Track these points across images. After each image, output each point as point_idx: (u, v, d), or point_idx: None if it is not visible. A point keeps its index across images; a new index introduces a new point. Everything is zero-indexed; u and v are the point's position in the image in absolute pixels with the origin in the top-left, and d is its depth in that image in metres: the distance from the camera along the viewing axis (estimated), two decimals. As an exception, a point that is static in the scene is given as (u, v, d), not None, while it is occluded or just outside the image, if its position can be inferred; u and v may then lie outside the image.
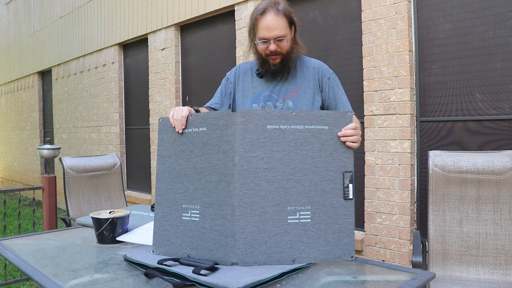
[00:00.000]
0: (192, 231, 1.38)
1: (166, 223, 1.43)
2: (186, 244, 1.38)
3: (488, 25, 2.71)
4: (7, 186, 10.07)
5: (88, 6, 6.61)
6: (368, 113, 3.12)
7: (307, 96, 1.69)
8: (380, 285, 1.22)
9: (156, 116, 5.21)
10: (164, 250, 1.41)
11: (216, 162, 1.37)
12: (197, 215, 1.38)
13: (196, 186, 1.40)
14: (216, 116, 1.39)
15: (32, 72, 8.60)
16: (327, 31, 3.49)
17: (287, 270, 1.22)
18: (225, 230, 1.32)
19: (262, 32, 1.62)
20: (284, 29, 1.62)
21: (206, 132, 1.40)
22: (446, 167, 2.16)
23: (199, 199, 1.38)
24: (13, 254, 1.50)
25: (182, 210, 1.41)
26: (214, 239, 1.33)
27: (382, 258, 3.06)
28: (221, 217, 1.33)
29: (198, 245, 1.36)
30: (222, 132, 1.37)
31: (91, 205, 3.36)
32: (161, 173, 1.47)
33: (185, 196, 1.41)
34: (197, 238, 1.36)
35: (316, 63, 1.76)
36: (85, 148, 6.79)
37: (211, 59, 4.64)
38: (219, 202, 1.34)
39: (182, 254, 1.37)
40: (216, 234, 1.33)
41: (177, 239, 1.40)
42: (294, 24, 1.68)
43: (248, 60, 1.83)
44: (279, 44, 1.63)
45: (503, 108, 2.67)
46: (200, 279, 1.11)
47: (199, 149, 1.41)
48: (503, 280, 2.01)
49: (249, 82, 1.78)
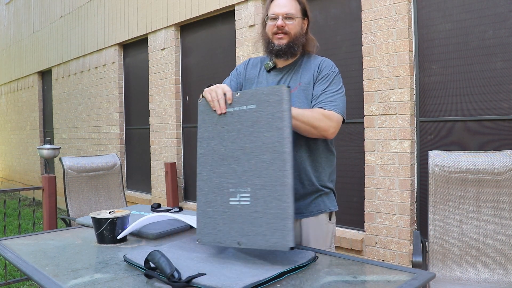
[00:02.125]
0: (242, 216, 1.28)
1: (211, 209, 1.33)
2: (235, 231, 1.29)
3: (488, 25, 2.71)
4: (7, 186, 10.07)
5: (88, 6, 6.61)
6: (368, 113, 3.12)
7: (307, 92, 1.67)
8: (380, 285, 1.22)
9: (156, 116, 5.21)
10: (210, 239, 1.33)
11: (268, 141, 1.28)
12: (248, 199, 1.29)
13: (245, 168, 1.31)
14: (268, 92, 1.31)
15: (32, 72, 8.60)
16: (327, 31, 3.49)
17: (286, 270, 1.22)
18: (281, 213, 1.22)
19: (273, 9, 1.66)
20: (295, 10, 1.66)
21: (255, 109, 1.32)
22: (446, 167, 2.16)
23: (249, 181, 1.29)
24: (13, 254, 1.50)
25: (229, 195, 1.32)
26: (268, 223, 1.24)
27: (382, 258, 3.06)
28: (276, 198, 1.24)
29: (250, 231, 1.26)
30: (275, 108, 1.29)
31: (91, 205, 3.36)
32: (203, 157, 1.37)
33: (233, 179, 1.32)
34: (248, 224, 1.27)
35: (321, 59, 1.74)
36: (85, 148, 6.79)
37: (211, 59, 4.64)
38: (273, 183, 1.25)
39: (231, 241, 1.29)
40: (271, 217, 1.24)
41: (224, 226, 1.30)
42: (307, 16, 1.72)
43: (259, 56, 1.84)
44: (287, 23, 1.64)
45: (503, 108, 2.67)
46: (200, 282, 1.11)
47: (247, 128, 1.32)
48: (503, 280, 2.01)
49: (255, 75, 1.78)
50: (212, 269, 1.22)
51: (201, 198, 1.36)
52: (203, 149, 1.38)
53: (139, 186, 5.76)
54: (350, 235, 3.25)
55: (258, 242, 1.25)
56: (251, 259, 1.33)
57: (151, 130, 5.31)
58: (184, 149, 5.00)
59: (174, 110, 4.93)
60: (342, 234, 3.27)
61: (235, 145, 1.34)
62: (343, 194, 3.31)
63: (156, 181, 5.24)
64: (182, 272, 1.18)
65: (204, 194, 1.36)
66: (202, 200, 1.36)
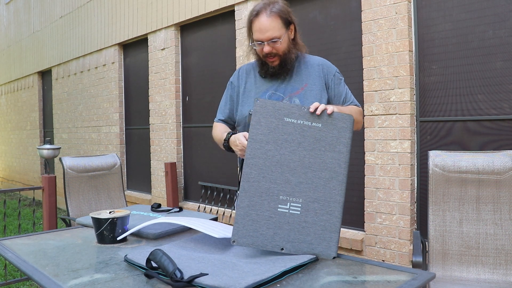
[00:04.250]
0: (290, 224, 1.37)
1: (254, 212, 1.37)
2: (279, 237, 1.36)
3: (488, 25, 2.71)
4: (7, 186, 10.07)
5: (88, 6, 6.61)
6: (368, 113, 3.12)
7: (314, 93, 1.69)
8: (380, 285, 1.22)
9: (156, 116, 5.21)
10: (249, 241, 1.35)
11: (329, 160, 1.40)
12: (298, 209, 1.38)
13: (300, 180, 1.39)
14: (336, 117, 1.44)
15: (32, 72, 8.60)
16: (327, 31, 3.49)
17: (288, 269, 1.22)
18: (330, 226, 1.36)
19: (256, 34, 1.63)
20: (278, 30, 1.62)
21: (320, 128, 1.42)
22: (446, 167, 2.16)
23: (303, 193, 1.38)
24: (13, 254, 1.50)
25: (278, 201, 1.38)
26: (316, 234, 1.36)
27: (382, 258, 3.06)
28: (327, 213, 1.37)
29: (296, 239, 1.36)
30: (340, 133, 1.42)
31: (91, 205, 3.36)
32: (253, 159, 1.39)
33: (285, 187, 1.38)
34: (295, 231, 1.36)
35: (319, 60, 1.78)
36: (85, 148, 6.79)
37: (211, 59, 4.64)
38: (327, 199, 1.38)
39: (273, 246, 1.36)
40: (319, 229, 1.36)
41: (268, 231, 1.36)
42: (292, 24, 1.68)
43: (250, 61, 1.83)
44: (273, 46, 1.63)
45: (503, 108, 2.67)
46: (202, 282, 1.11)
47: (309, 144, 1.41)
48: (503, 280, 2.01)
49: (252, 83, 1.78)
50: (214, 268, 1.22)
51: (243, 200, 1.37)
52: (254, 151, 1.40)
53: (139, 186, 5.76)
54: (350, 235, 3.25)
55: (303, 249, 1.36)
56: (253, 259, 1.33)
57: (151, 130, 5.31)
58: (184, 149, 5.00)
59: (174, 110, 4.93)
60: (342, 234, 3.27)
61: (293, 156, 1.40)
62: (343, 194, 3.31)
63: (156, 181, 5.24)
64: (184, 271, 1.18)
65: (248, 196, 1.37)
66: (245, 201, 1.37)
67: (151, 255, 1.23)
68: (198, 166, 4.86)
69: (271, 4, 1.63)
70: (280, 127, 1.41)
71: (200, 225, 1.56)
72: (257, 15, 1.62)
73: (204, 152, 4.75)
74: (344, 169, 1.40)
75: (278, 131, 1.40)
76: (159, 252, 1.22)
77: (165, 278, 1.17)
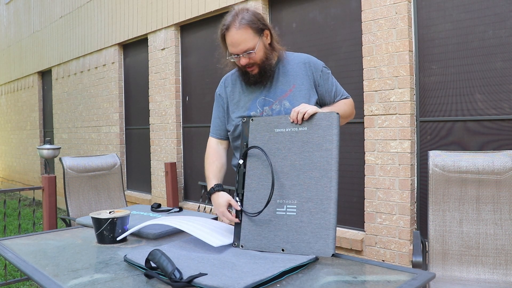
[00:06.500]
0: (288, 225, 1.43)
1: (257, 218, 1.48)
2: (279, 238, 1.43)
3: (488, 25, 2.71)
4: (7, 186, 10.07)
5: (88, 6, 6.61)
6: (368, 113, 3.12)
7: (303, 93, 1.67)
8: (380, 285, 1.22)
9: (156, 116, 5.21)
10: (254, 245, 1.46)
11: (317, 160, 1.44)
12: (294, 210, 1.44)
13: (293, 182, 1.46)
14: (319, 117, 1.48)
15: (32, 72, 8.60)
16: (327, 31, 3.49)
17: (287, 269, 1.22)
18: (325, 223, 1.38)
19: (230, 48, 1.62)
20: (251, 41, 1.59)
21: (306, 131, 1.48)
22: (446, 167, 2.16)
23: (297, 194, 1.44)
24: (13, 254, 1.50)
25: (276, 205, 1.47)
26: (313, 232, 1.39)
27: (382, 258, 3.06)
28: (321, 210, 1.39)
29: (294, 239, 1.40)
30: (325, 132, 1.45)
31: (91, 205, 3.36)
32: (252, 170, 1.54)
33: (281, 191, 1.47)
34: (293, 232, 1.41)
35: (304, 57, 1.73)
36: (85, 148, 6.79)
37: (211, 59, 4.64)
38: (320, 197, 1.41)
39: (274, 248, 1.42)
40: (315, 227, 1.39)
41: (269, 234, 1.45)
42: (266, 29, 1.64)
43: (232, 70, 1.81)
44: (249, 57, 1.61)
45: (503, 108, 2.67)
46: (201, 282, 1.11)
47: (298, 147, 1.48)
48: (503, 280, 2.01)
49: (239, 92, 1.76)
50: (213, 269, 1.22)
51: (247, 207, 1.51)
52: (252, 164, 1.55)
53: (139, 186, 5.76)
54: (350, 235, 3.25)
55: (302, 249, 1.39)
56: (252, 259, 1.33)
57: (151, 130, 5.31)
58: (184, 149, 5.00)
59: (174, 110, 4.93)
60: (342, 234, 3.27)
61: (285, 162, 1.49)
62: (343, 194, 3.31)
63: (156, 181, 5.24)
64: (183, 272, 1.18)
65: (251, 204, 1.51)
66: (249, 209, 1.51)
67: (150, 256, 1.23)
68: (198, 166, 4.86)
69: (239, 15, 1.59)
70: (272, 138, 1.53)
71: (200, 230, 1.56)
72: (228, 29, 1.59)
73: (204, 152, 4.73)
74: (333, 165, 1.42)
75: (271, 142, 1.53)
76: (158, 252, 1.22)
77: (165, 278, 1.17)
